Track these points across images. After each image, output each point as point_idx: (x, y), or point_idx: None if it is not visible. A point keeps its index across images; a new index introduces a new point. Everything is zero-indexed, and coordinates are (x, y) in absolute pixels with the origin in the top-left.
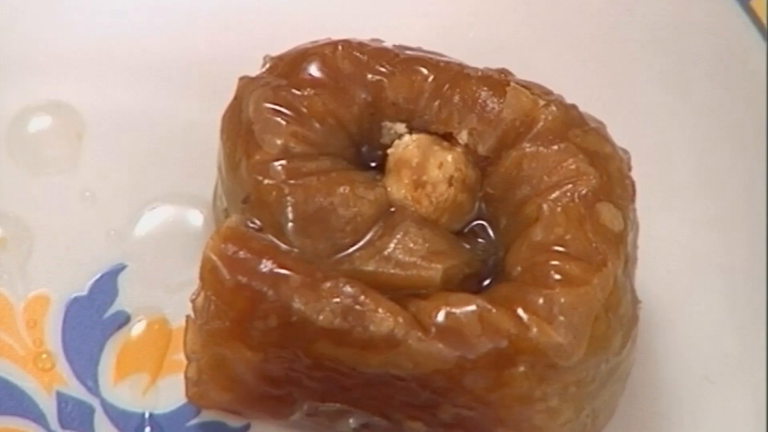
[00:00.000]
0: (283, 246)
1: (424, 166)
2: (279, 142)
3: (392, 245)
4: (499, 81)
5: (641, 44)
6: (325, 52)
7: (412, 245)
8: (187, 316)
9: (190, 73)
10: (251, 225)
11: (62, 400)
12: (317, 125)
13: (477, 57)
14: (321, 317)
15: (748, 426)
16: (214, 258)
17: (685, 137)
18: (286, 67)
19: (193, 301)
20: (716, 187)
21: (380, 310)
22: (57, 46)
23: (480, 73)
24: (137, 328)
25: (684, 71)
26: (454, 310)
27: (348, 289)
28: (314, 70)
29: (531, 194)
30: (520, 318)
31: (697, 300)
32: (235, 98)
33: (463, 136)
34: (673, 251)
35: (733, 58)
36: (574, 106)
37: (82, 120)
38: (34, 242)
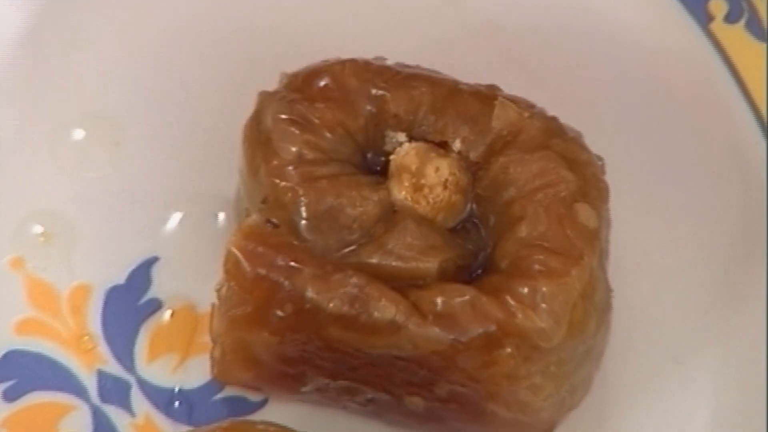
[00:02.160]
0: (298, 241)
1: (423, 170)
2: (294, 149)
3: (394, 241)
4: (488, 95)
5: (614, 66)
6: (335, 69)
7: (411, 241)
8: (213, 304)
9: (216, 89)
10: (269, 223)
11: (102, 377)
12: (328, 134)
13: (468, 74)
14: (331, 305)
15: (708, 400)
16: (237, 252)
17: (652, 148)
18: (300, 83)
19: (217, 290)
20: (677, 193)
21: (383, 298)
22: (99, 65)
23: (471, 89)
24: (168, 314)
25: (650, 88)
26: (448, 298)
27: (355, 279)
28: (325, 86)
29: (517, 196)
30: (507, 305)
31: (663, 289)
32: (255, 111)
33: (456, 144)
34: (641, 246)
35: (697, 79)
36: (554, 118)
37: (120, 129)
38: (78, 237)
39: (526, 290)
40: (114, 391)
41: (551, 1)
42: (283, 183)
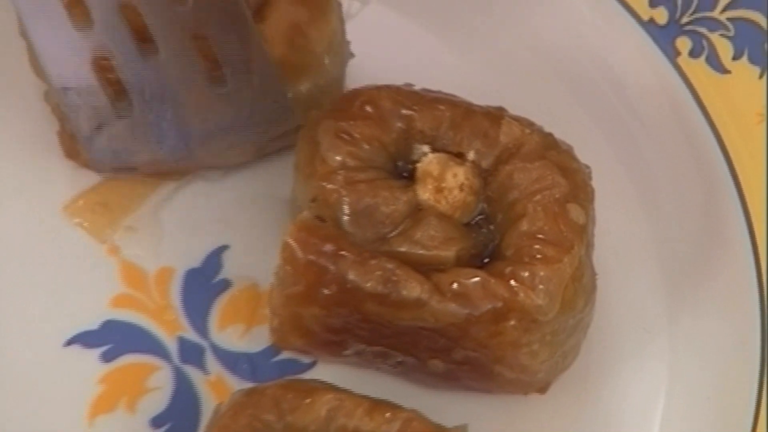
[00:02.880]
0: (341, 234)
1: (443, 176)
2: (338, 158)
3: (419, 233)
4: (496, 115)
5: (600, 93)
6: (372, 93)
7: (433, 233)
8: (272, 283)
9: None
10: (318, 218)
11: (182, 342)
12: (366, 146)
13: (481, 98)
14: (368, 285)
15: (671, 361)
16: (292, 242)
17: (631, 160)
18: (344, 104)
19: (276, 273)
20: (650, 196)
21: (410, 280)
22: None
23: (483, 110)
24: (236, 291)
25: (629, 110)
26: (464, 280)
27: (387, 264)
28: (364, 107)
29: (519, 197)
30: (511, 286)
31: (637, 273)
32: (307, 126)
33: (471, 155)
34: (620, 238)
35: (667, 104)
36: (550, 134)
37: None
38: (163, 230)
39: (526, 274)
40: (191, 353)
41: (552, 43)
42: (330, 186)
